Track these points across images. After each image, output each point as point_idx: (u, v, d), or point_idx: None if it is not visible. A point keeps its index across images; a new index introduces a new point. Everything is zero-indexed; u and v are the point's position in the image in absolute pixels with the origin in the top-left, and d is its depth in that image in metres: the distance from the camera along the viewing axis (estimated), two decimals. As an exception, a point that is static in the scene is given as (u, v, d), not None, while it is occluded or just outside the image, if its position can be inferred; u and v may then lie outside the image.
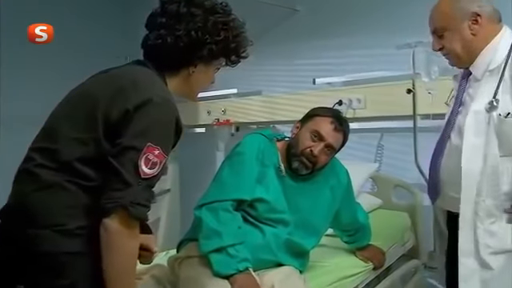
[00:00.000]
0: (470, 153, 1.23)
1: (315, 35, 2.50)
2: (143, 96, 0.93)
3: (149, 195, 0.92)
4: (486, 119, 1.22)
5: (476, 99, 1.27)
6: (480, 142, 1.22)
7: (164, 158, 0.93)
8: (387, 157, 2.29)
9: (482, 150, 1.21)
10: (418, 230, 1.99)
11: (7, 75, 2.67)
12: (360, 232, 1.67)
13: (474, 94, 1.29)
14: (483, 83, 1.26)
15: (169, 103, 0.96)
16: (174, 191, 2.84)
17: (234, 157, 1.47)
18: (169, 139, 0.95)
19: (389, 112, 2.17)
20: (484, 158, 1.21)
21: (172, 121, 0.95)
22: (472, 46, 1.28)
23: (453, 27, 1.27)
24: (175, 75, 1.05)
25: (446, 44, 1.30)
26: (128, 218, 0.89)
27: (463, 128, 1.26)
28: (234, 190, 1.40)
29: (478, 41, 1.27)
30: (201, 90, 1.12)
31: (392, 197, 2.13)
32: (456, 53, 1.30)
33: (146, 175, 0.90)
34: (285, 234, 1.45)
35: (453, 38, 1.28)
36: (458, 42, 1.28)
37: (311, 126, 1.47)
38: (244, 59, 1.10)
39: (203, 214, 1.36)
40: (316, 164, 1.46)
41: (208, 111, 2.91)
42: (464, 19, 1.26)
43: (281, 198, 1.46)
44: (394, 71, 2.14)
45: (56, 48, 2.00)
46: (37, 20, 1.38)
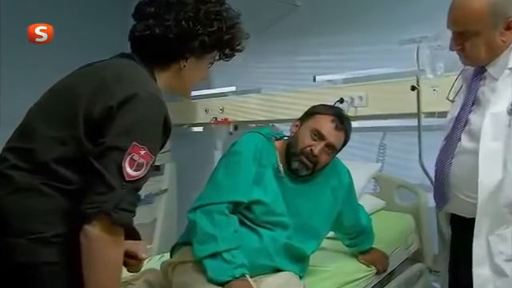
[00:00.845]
0: (487, 158, 1.15)
1: (316, 31, 2.45)
2: (128, 91, 0.87)
3: (134, 199, 0.86)
4: (506, 122, 1.14)
5: (494, 100, 1.19)
6: (498, 147, 1.15)
7: (151, 159, 0.87)
8: (390, 156, 2.24)
9: (501, 155, 1.14)
10: (423, 233, 1.94)
11: (7, 75, 2.65)
12: (362, 235, 1.62)
13: (491, 94, 1.21)
14: (501, 83, 1.19)
15: (156, 99, 0.89)
16: (170, 191, 2.80)
17: (230, 157, 1.42)
18: (156, 138, 0.89)
19: (392, 110, 2.11)
20: (504, 163, 1.14)
21: (160, 118, 0.89)
22: (497, 51, 1.19)
23: (483, 32, 1.16)
24: (165, 69, 0.99)
25: (468, 47, 1.20)
26: (111, 224, 0.83)
27: (479, 130, 1.18)
28: (229, 191, 1.35)
29: (505, 46, 1.19)
30: (193, 85, 1.06)
31: (395, 198, 2.08)
32: (477, 57, 1.21)
33: (131, 177, 0.84)
34: (283, 238, 1.40)
35: (479, 42, 1.18)
36: (484, 46, 1.18)
37: (311, 124, 1.42)
38: (239, 53, 1.03)
39: (197, 218, 1.31)
40: (316, 164, 1.41)
41: (206, 110, 2.86)
42: (498, 25, 1.16)
43: (279, 200, 1.41)
44: (397, 68, 2.09)
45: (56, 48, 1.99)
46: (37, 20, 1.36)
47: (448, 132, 1.31)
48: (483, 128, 1.17)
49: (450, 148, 1.27)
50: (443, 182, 1.28)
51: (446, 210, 1.32)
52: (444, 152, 1.29)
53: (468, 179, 1.18)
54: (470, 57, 1.22)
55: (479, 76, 1.25)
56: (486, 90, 1.23)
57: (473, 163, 1.17)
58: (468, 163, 1.20)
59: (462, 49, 1.22)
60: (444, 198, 1.28)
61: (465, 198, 1.22)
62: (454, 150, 1.25)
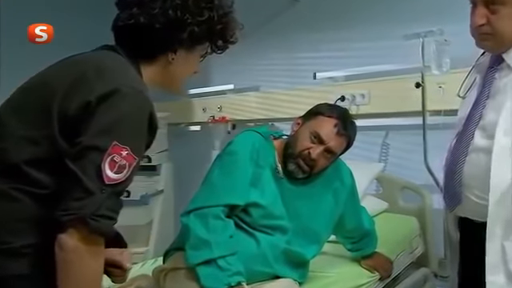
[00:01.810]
0: (501, 156, 1.09)
1: (316, 27, 2.40)
2: (109, 85, 0.79)
3: (115, 205, 0.79)
4: None
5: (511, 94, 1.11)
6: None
7: (134, 161, 0.79)
8: (393, 156, 2.18)
9: None
10: (428, 236, 1.89)
11: (7, 75, 2.62)
12: (365, 239, 1.56)
13: (508, 87, 1.13)
14: None
15: (140, 94, 0.82)
16: (167, 192, 2.74)
17: (226, 157, 1.36)
18: (140, 137, 0.82)
19: (395, 108, 2.07)
20: None
21: (144, 115, 0.82)
22: None
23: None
24: (151, 63, 0.92)
25: (495, 21, 1.10)
26: (89, 233, 0.76)
27: (494, 127, 1.11)
28: (225, 194, 1.29)
29: None
30: (184, 80, 0.98)
31: (399, 199, 2.03)
32: (503, 35, 1.11)
33: (112, 181, 0.77)
34: (283, 243, 1.34)
35: (508, 14, 1.09)
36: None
37: (312, 125, 1.36)
38: (232, 45, 0.95)
39: (191, 222, 1.25)
40: (313, 168, 1.35)
41: (203, 108, 2.83)
42: None
43: (278, 203, 1.36)
44: (400, 64, 2.03)
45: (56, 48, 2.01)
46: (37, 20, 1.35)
47: (459, 129, 1.24)
48: (498, 124, 1.10)
49: (463, 146, 1.20)
50: (455, 181, 1.21)
51: (455, 212, 1.26)
52: (456, 150, 1.22)
53: (481, 179, 1.12)
54: (495, 36, 1.12)
55: (495, 68, 1.18)
56: (501, 82, 1.16)
57: (486, 162, 1.11)
58: (481, 162, 1.13)
59: (485, 25, 1.12)
60: (456, 198, 1.21)
61: (476, 200, 1.16)
62: (466, 148, 1.18)
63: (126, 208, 2.71)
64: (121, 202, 0.81)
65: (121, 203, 0.81)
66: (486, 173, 1.10)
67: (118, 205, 0.80)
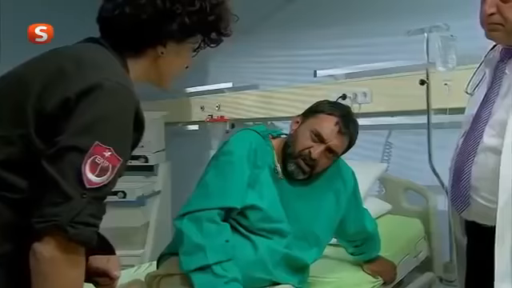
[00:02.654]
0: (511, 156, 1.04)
1: (316, 23, 2.37)
2: (90, 80, 0.73)
3: (97, 210, 0.72)
4: None
5: None
6: None
7: (119, 162, 0.73)
8: (396, 156, 2.14)
9: None
10: (433, 239, 1.86)
11: None
12: (368, 242, 1.52)
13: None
14: None
15: (125, 90, 0.76)
16: (164, 193, 2.68)
17: (221, 157, 1.31)
18: (125, 137, 0.76)
19: (398, 106, 2.03)
20: None
21: (129, 112, 0.76)
22: None
23: None
24: (139, 57, 0.85)
25: (506, 10, 1.06)
26: (67, 241, 0.69)
27: (504, 125, 1.06)
28: (220, 196, 1.24)
29: None
30: (175, 75, 0.92)
31: (402, 201, 1.99)
32: None
33: (93, 184, 0.71)
34: (282, 247, 1.30)
35: None
36: None
37: (313, 123, 1.31)
38: (227, 37, 0.90)
39: (184, 226, 1.20)
40: (314, 168, 1.31)
41: (201, 107, 2.80)
42: None
43: (277, 205, 1.31)
44: (404, 61, 1.99)
45: None
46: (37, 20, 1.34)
47: (467, 128, 1.19)
48: (509, 123, 1.05)
49: (470, 146, 1.15)
50: (462, 183, 1.16)
51: (462, 215, 1.22)
52: (463, 150, 1.18)
53: (489, 181, 1.08)
54: (506, 23, 1.07)
55: (506, 61, 1.13)
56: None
57: (495, 162, 1.07)
58: (490, 163, 1.08)
59: (495, 14, 1.07)
60: (464, 201, 1.17)
61: (484, 203, 1.11)
62: (474, 148, 1.14)
63: (121, 209, 2.62)
64: (103, 208, 0.75)
65: (103, 209, 0.75)
66: (494, 174, 1.06)
67: (101, 210, 0.74)
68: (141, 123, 0.79)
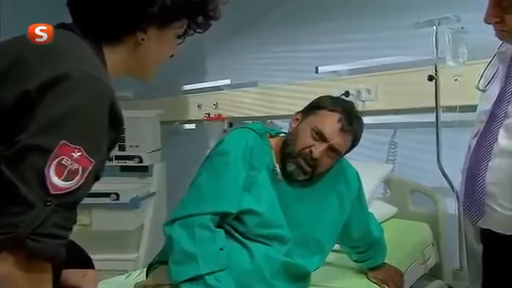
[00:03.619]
0: None
1: (318, 17, 2.32)
2: (55, 70, 0.64)
3: (64, 220, 0.64)
4: None
5: None
6: None
7: (90, 164, 0.65)
8: (402, 156, 2.09)
9: None
10: (442, 245, 1.81)
11: None
12: (373, 248, 1.45)
13: None
14: None
15: (97, 81, 0.67)
16: (159, 195, 2.61)
17: (215, 158, 1.24)
18: (98, 135, 0.67)
19: (405, 104, 1.97)
20: None
21: (102, 107, 0.67)
22: None
23: None
24: (117, 45, 0.77)
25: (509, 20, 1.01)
26: (27, 257, 0.61)
27: None
28: (214, 200, 1.17)
29: None
30: (158, 65, 0.83)
31: (409, 204, 1.93)
32: None
33: (59, 190, 0.62)
34: (281, 255, 1.22)
35: None
36: None
37: (313, 121, 1.25)
38: (215, 21, 0.81)
39: (175, 232, 1.13)
40: (316, 168, 1.24)
41: (198, 105, 2.77)
42: None
43: (275, 209, 1.24)
44: (411, 56, 1.95)
45: None
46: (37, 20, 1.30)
47: (480, 129, 1.12)
48: None
49: (484, 148, 1.08)
50: (477, 189, 1.08)
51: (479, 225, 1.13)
52: (476, 153, 1.10)
53: (506, 187, 1.00)
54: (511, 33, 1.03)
55: None
56: None
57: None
58: (506, 167, 1.01)
59: (500, 22, 1.02)
60: (479, 209, 1.08)
61: (501, 211, 1.03)
62: (489, 151, 1.06)
63: (114, 212, 2.53)
64: (73, 217, 0.66)
65: (73, 218, 0.66)
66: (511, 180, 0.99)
67: (69, 220, 0.65)
68: (118, 119, 0.70)
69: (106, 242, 2.25)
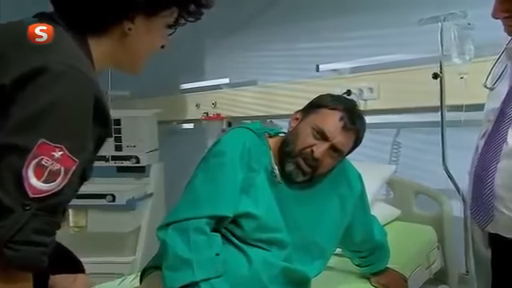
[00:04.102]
0: None
1: (318, 14, 2.29)
2: (32, 62, 0.60)
3: (45, 225, 0.60)
4: None
5: None
6: None
7: (74, 164, 0.61)
8: (406, 157, 2.08)
9: None
10: (447, 248, 1.77)
11: None
12: (376, 253, 1.41)
13: None
14: None
15: (79, 74, 0.63)
16: (157, 196, 2.57)
17: (212, 159, 1.20)
18: (82, 132, 0.64)
19: (408, 103, 1.95)
20: None
21: (86, 101, 0.63)
22: None
23: None
24: (103, 36, 0.72)
25: None
26: (4, 266, 0.57)
27: None
28: (210, 203, 1.13)
29: None
30: (147, 57, 0.79)
31: (413, 206, 1.90)
32: None
33: (39, 193, 0.58)
34: (280, 260, 1.18)
35: None
36: None
37: (314, 119, 1.21)
38: (207, 9, 0.77)
39: (169, 237, 1.09)
40: (316, 169, 1.20)
41: (196, 104, 2.76)
42: None
43: (274, 212, 1.20)
44: (415, 53, 1.92)
45: None
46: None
47: (488, 128, 1.09)
48: None
49: (493, 150, 1.05)
50: (485, 192, 1.05)
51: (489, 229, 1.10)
52: (485, 154, 1.07)
53: None
54: None
55: None
56: None
57: None
58: None
59: (509, 16, 1.01)
60: (488, 214, 1.05)
61: (510, 214, 1.00)
62: (498, 153, 1.04)
63: (110, 213, 2.49)
64: (56, 221, 0.62)
65: (56, 222, 0.62)
66: None
67: (52, 225, 0.61)
68: (104, 116, 0.66)
69: (102, 245, 2.22)
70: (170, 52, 0.89)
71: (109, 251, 2.23)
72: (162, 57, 0.93)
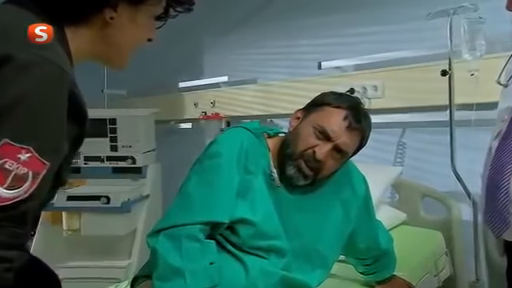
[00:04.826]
0: None
1: (320, 9, 2.26)
2: None
3: (10, 238, 0.54)
4: None
5: None
6: None
7: (44, 167, 0.55)
8: (412, 158, 2.03)
9: None
10: (456, 254, 1.73)
11: None
12: (381, 260, 1.36)
13: None
14: None
15: (50, 65, 0.57)
16: (154, 197, 2.52)
17: (206, 160, 1.15)
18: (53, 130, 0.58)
19: (415, 102, 1.90)
20: None
21: (59, 96, 0.57)
22: None
23: None
24: (82, 26, 0.67)
25: None
26: None
27: None
28: (204, 208, 1.08)
29: None
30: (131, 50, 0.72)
31: (419, 210, 1.86)
32: None
33: (2, 201, 0.53)
34: (279, 269, 1.13)
35: None
36: None
37: (316, 118, 1.16)
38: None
39: (160, 245, 1.04)
40: (318, 172, 1.15)
41: (194, 103, 2.73)
42: None
43: (272, 218, 1.15)
44: (422, 49, 1.86)
45: None
46: None
47: (502, 128, 1.06)
48: None
49: (508, 152, 1.02)
50: (500, 198, 1.01)
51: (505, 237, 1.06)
52: (499, 157, 1.04)
53: None
54: None
55: None
56: None
57: None
58: None
59: None
60: (503, 221, 1.02)
61: None
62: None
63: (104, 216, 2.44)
64: (24, 232, 0.56)
65: (24, 234, 0.56)
66: None
67: (19, 237, 0.55)
68: (80, 111, 0.60)
69: (97, 248, 2.18)
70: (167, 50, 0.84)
71: (103, 255, 2.19)
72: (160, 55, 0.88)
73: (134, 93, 2.85)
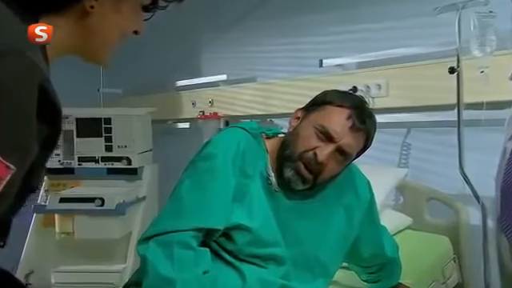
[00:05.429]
0: None
1: (322, 6, 2.24)
2: None
3: None
4: None
5: None
6: None
7: (8, 172, 0.50)
8: (417, 159, 1.99)
9: None
10: (464, 261, 1.70)
11: None
12: (386, 268, 1.32)
13: None
14: None
15: (18, 57, 0.52)
16: (150, 199, 2.47)
17: (200, 163, 1.09)
18: (19, 129, 0.52)
19: (420, 101, 1.86)
20: None
21: (25, 91, 0.52)
22: None
23: None
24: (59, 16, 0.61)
25: None
26: None
27: None
28: (197, 213, 1.03)
29: None
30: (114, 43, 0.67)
31: (425, 213, 1.82)
32: None
33: None
34: (278, 278, 1.08)
35: None
36: None
37: (318, 118, 1.11)
38: None
39: (150, 252, 0.99)
40: (319, 175, 1.08)
41: (192, 102, 2.70)
42: None
43: (270, 224, 1.10)
44: (428, 46, 1.82)
45: None
46: None
47: None
48: None
49: None
50: None
51: None
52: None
53: None
54: None
55: None
56: None
57: None
58: None
59: None
60: None
61: None
62: None
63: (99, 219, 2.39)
64: None
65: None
66: None
67: None
68: (52, 108, 0.55)
69: (91, 252, 2.14)
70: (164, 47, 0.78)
71: (97, 259, 2.14)
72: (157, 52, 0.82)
73: (131, 92, 2.82)
